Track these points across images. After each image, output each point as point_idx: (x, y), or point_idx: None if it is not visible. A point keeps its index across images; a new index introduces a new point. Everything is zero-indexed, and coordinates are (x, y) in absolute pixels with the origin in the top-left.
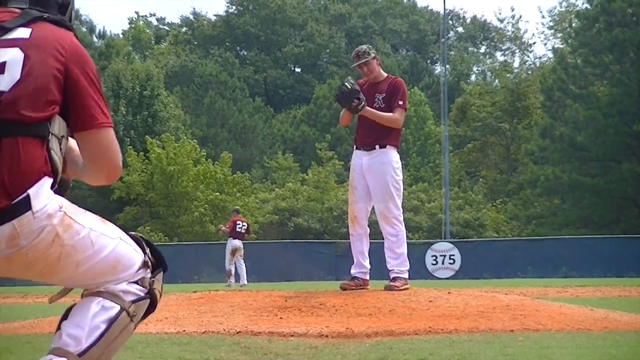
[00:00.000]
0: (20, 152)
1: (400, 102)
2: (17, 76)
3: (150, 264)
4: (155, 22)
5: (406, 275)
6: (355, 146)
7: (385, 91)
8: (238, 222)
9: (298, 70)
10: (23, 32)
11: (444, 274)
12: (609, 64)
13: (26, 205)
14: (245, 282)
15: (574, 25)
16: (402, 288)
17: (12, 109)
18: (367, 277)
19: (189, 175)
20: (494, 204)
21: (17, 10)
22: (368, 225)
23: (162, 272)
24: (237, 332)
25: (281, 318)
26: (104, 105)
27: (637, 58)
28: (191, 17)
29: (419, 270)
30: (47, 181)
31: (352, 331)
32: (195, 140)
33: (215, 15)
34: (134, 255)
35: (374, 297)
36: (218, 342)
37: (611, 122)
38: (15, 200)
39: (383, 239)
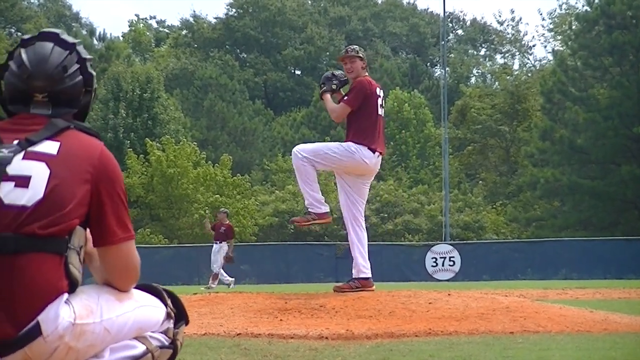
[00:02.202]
0: (36, 270)
1: (346, 98)
2: (41, 193)
3: (173, 314)
4: (155, 25)
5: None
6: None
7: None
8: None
9: (298, 72)
10: (50, 147)
11: (444, 275)
12: (609, 67)
13: (36, 331)
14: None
15: (573, 27)
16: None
17: (32, 224)
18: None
19: (189, 178)
20: (494, 206)
21: (43, 119)
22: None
23: (184, 325)
24: (237, 334)
25: (281, 320)
26: (126, 217)
27: (636, 60)
28: (191, 19)
29: (418, 272)
30: (61, 299)
31: (352, 333)
32: (195, 143)
33: (215, 18)
34: (156, 313)
35: (374, 299)
36: (218, 344)
37: (611, 124)
38: (25, 330)
39: (382, 241)
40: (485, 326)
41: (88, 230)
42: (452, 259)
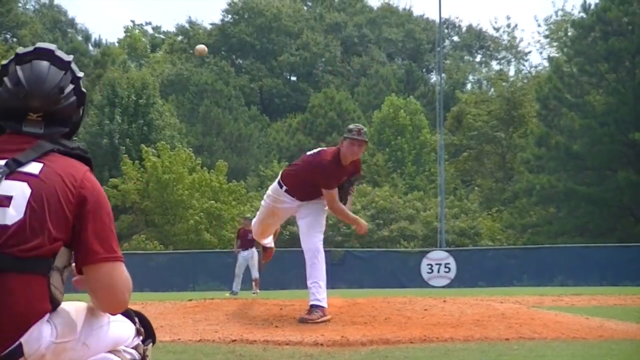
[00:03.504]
0: (20, 290)
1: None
2: (22, 212)
3: (142, 332)
4: (151, 31)
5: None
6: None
7: (347, 176)
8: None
9: (294, 78)
10: (34, 168)
11: (440, 282)
12: (605, 73)
13: (19, 352)
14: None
15: (569, 34)
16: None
17: (13, 244)
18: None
19: (184, 184)
20: (490, 212)
21: (32, 138)
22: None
23: (151, 343)
24: (233, 341)
25: (276, 326)
26: (112, 239)
27: (632, 67)
28: (187, 25)
29: (414, 279)
30: (44, 319)
31: (348, 339)
32: (190, 149)
33: (211, 24)
34: (127, 328)
35: (369, 306)
36: (213, 350)
37: (607, 130)
38: (7, 352)
39: (377, 247)
40: (480, 333)
41: None
42: (447, 265)
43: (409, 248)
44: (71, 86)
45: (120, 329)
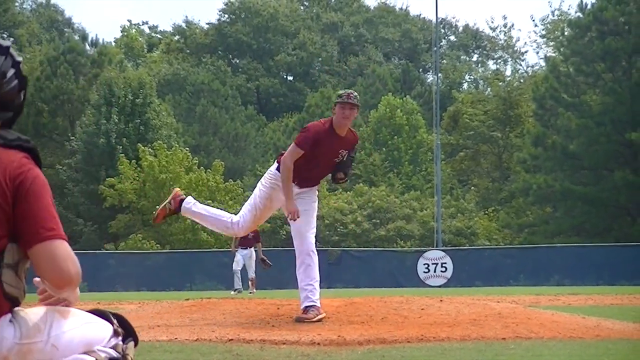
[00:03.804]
0: None
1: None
2: None
3: (120, 332)
4: (147, 30)
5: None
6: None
7: (348, 148)
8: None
9: (290, 78)
10: None
11: (436, 282)
12: (602, 73)
13: None
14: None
15: (566, 33)
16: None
17: None
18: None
19: (181, 183)
20: (486, 212)
21: None
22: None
23: (132, 342)
24: (229, 340)
25: (273, 326)
26: (51, 219)
27: (629, 67)
28: (183, 25)
29: (411, 278)
30: (5, 320)
31: (344, 339)
32: (187, 148)
33: (208, 24)
34: (103, 330)
35: (366, 305)
36: (210, 349)
37: (603, 130)
38: None
39: (374, 247)
40: (477, 332)
41: None
42: (444, 265)
43: (406, 248)
44: (12, 70)
45: (93, 330)
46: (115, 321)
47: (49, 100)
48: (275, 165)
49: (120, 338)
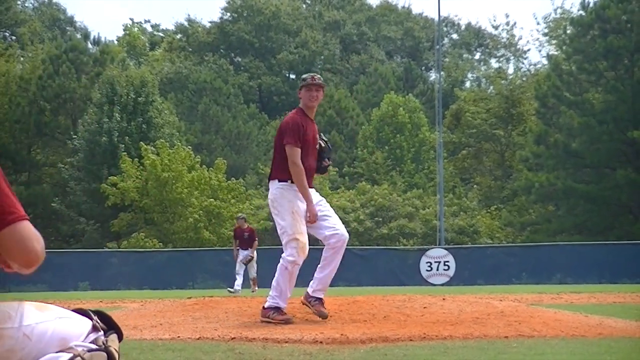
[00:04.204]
0: None
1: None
2: None
3: (100, 327)
4: (149, 29)
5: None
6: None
7: (318, 132)
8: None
9: (292, 76)
10: None
11: (439, 280)
12: (604, 71)
13: None
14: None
15: (568, 32)
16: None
17: None
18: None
19: (183, 182)
20: (489, 210)
21: None
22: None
23: (115, 334)
24: (232, 339)
25: (275, 324)
26: (10, 203)
27: (631, 65)
28: (186, 23)
29: (413, 277)
30: None
31: (347, 337)
32: (189, 147)
33: (210, 22)
34: (79, 325)
35: (368, 304)
36: (212, 348)
37: (605, 128)
38: None
39: (376, 245)
40: (479, 330)
41: None
42: (446, 263)
43: (408, 246)
44: None
45: (68, 325)
46: (95, 317)
47: (51, 98)
48: (274, 185)
49: (101, 333)
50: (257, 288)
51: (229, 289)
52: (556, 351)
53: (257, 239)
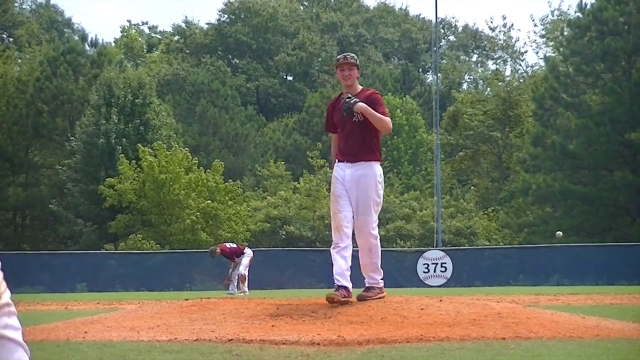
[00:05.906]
0: None
1: (384, 111)
2: None
3: None
4: (147, 31)
5: (381, 284)
6: (337, 159)
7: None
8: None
9: (290, 78)
10: None
11: (436, 282)
12: (601, 73)
13: None
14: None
15: (565, 33)
16: (375, 297)
17: None
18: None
19: (180, 184)
20: (486, 212)
21: None
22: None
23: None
24: (229, 340)
25: (273, 326)
26: None
27: (628, 67)
28: (183, 25)
29: (410, 278)
30: None
31: (344, 339)
32: (187, 149)
33: (207, 24)
34: None
35: (365, 305)
36: (210, 349)
37: (603, 130)
38: None
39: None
40: (477, 332)
41: None
42: (444, 265)
43: (405, 248)
44: None
45: None
46: None
47: (49, 100)
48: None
49: None
50: (247, 289)
51: (229, 292)
52: (553, 353)
53: (236, 255)
